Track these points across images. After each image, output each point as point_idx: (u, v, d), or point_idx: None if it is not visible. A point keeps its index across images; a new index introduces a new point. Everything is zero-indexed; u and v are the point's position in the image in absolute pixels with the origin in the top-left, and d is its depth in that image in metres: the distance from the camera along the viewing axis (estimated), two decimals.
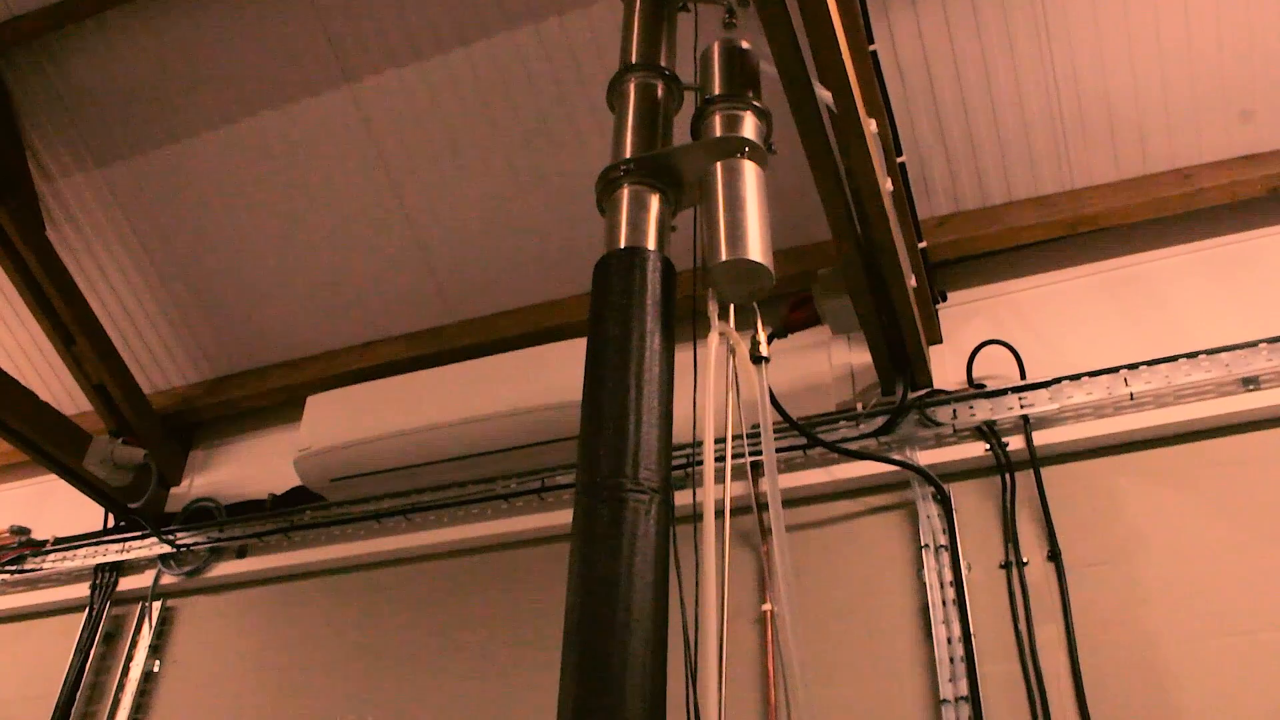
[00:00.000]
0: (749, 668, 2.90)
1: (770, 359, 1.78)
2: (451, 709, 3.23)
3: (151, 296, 4.13)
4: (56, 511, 4.29)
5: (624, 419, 1.49)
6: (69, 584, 4.09)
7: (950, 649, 2.72)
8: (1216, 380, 2.85)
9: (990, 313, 3.28)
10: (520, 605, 3.32)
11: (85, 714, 3.75)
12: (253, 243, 3.93)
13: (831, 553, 3.03)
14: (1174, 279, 3.15)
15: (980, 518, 2.92)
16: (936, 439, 3.05)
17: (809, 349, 3.37)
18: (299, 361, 4.14)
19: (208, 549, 3.88)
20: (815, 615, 2.90)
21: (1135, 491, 2.84)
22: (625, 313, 1.63)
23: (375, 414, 3.52)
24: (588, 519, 1.40)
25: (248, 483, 4.03)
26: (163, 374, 4.33)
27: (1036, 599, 2.74)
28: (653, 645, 1.31)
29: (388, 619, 3.51)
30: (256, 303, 4.08)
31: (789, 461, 3.13)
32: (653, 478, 1.43)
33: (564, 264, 3.68)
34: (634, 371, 1.55)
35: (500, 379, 3.41)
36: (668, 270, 1.73)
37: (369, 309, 3.97)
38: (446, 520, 3.54)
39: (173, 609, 3.90)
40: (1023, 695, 2.63)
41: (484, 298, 3.84)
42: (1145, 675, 2.58)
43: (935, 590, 2.82)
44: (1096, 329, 3.13)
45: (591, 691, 1.27)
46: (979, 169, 3.36)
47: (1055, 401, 2.95)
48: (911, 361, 3.07)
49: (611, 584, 1.33)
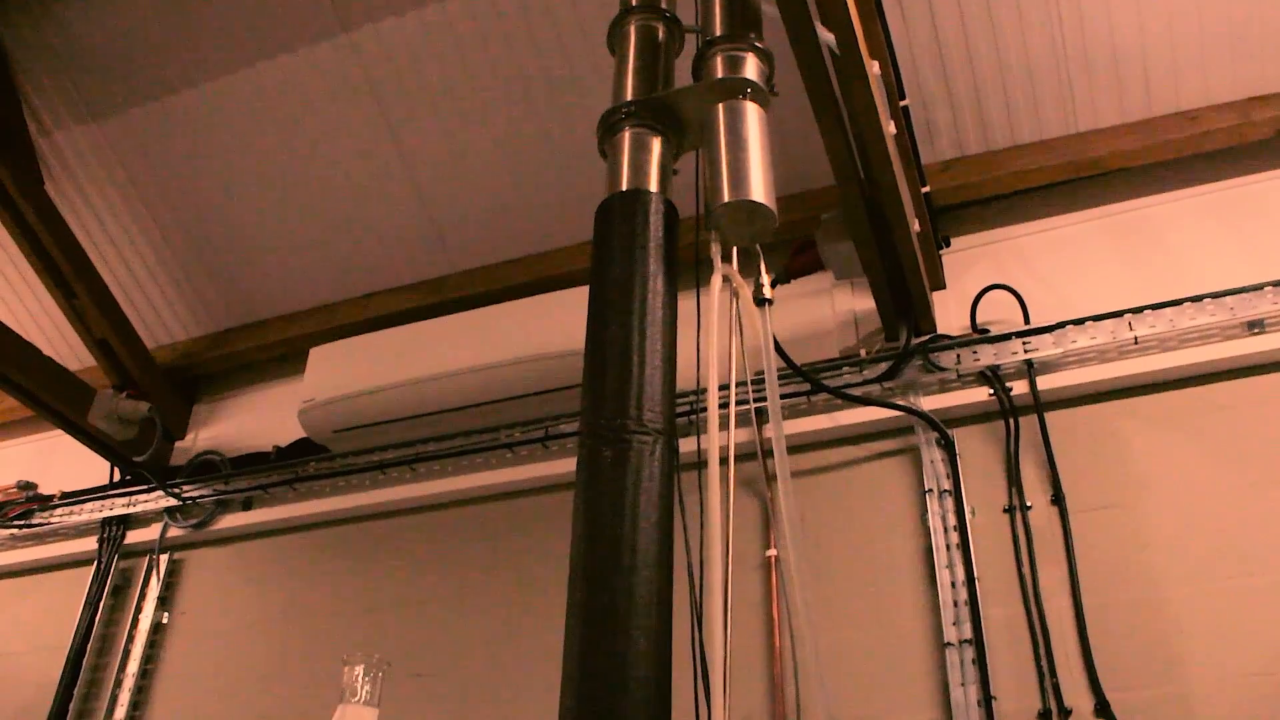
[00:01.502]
0: (754, 613, 2.91)
1: (774, 301, 1.77)
2: (458, 654, 3.25)
3: (152, 250, 4.11)
4: (62, 467, 4.31)
5: (627, 361, 1.49)
6: (77, 538, 4.11)
7: (954, 592, 2.73)
8: (1221, 324, 2.84)
9: (994, 257, 3.27)
10: (525, 553, 3.33)
11: (96, 665, 3.78)
12: (252, 195, 3.91)
13: (835, 498, 3.04)
14: (1179, 222, 3.13)
15: (984, 462, 2.92)
16: (940, 384, 3.05)
17: (812, 295, 3.36)
18: (301, 314, 4.13)
19: (213, 501, 3.90)
20: (819, 560, 2.91)
21: (1139, 435, 2.84)
22: (628, 255, 1.63)
23: (378, 365, 3.52)
24: (592, 461, 1.40)
25: (252, 435, 4.04)
26: (165, 328, 4.32)
27: (1040, 543, 2.75)
28: (658, 585, 1.31)
29: (393, 568, 3.53)
30: (257, 255, 4.07)
31: (793, 408, 3.12)
32: (656, 419, 1.43)
33: (566, 212, 3.66)
34: (637, 314, 1.55)
35: (503, 328, 3.40)
36: (670, 212, 1.72)
37: (370, 260, 3.96)
38: (450, 470, 3.55)
39: (180, 561, 3.92)
40: (1026, 638, 2.64)
41: (485, 247, 3.83)
42: (1148, 617, 2.59)
43: (939, 534, 2.83)
44: (1101, 273, 3.11)
45: (597, 630, 1.28)
46: (982, 113, 3.33)
47: (1059, 346, 2.94)
48: (915, 307, 3.06)
49: (616, 524, 1.33)
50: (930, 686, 2.67)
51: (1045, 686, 2.57)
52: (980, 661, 2.61)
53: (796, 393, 3.11)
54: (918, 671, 2.70)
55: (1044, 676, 2.58)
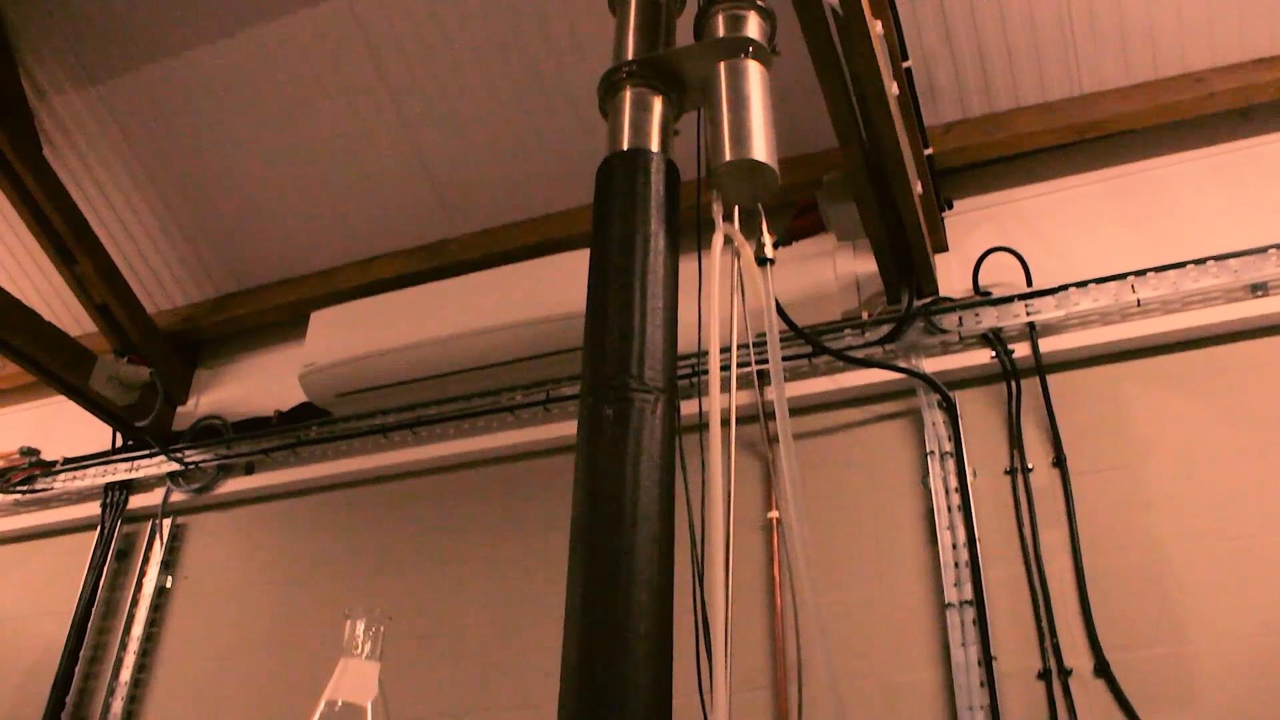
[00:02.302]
0: (755, 574, 2.93)
1: (775, 261, 1.77)
2: (461, 616, 3.27)
3: (152, 214, 4.10)
4: (65, 432, 4.31)
5: (628, 320, 1.48)
6: (80, 503, 4.13)
7: (955, 554, 2.74)
8: (1224, 286, 2.84)
9: (997, 220, 3.26)
10: (527, 515, 3.35)
11: (101, 628, 3.80)
12: (252, 159, 3.90)
13: (837, 460, 3.04)
14: (1183, 184, 3.12)
15: (986, 424, 2.92)
16: (942, 346, 3.05)
17: (814, 258, 3.35)
18: (302, 278, 4.13)
19: (216, 466, 3.91)
20: (821, 522, 2.92)
21: (1141, 398, 2.84)
22: (629, 214, 1.62)
23: (380, 328, 3.52)
24: (593, 419, 1.40)
25: (254, 400, 4.04)
26: (165, 293, 4.32)
27: (1041, 504, 2.76)
28: (659, 541, 1.31)
29: (395, 531, 3.54)
30: (258, 220, 4.05)
31: (794, 370, 3.12)
32: (658, 377, 1.43)
33: (567, 175, 3.65)
34: (638, 273, 1.54)
35: (505, 291, 3.39)
36: (671, 172, 1.71)
37: (371, 224, 3.95)
38: (452, 433, 3.56)
39: (183, 526, 3.93)
40: (1026, 598, 2.65)
41: (486, 211, 3.81)
42: (1148, 578, 2.60)
43: (940, 496, 2.83)
44: (1104, 236, 3.10)
45: (598, 585, 1.28)
46: (986, 74, 3.31)
47: (1062, 308, 2.94)
48: (917, 269, 3.05)
49: (618, 481, 1.33)
50: (931, 646, 2.69)
51: (1045, 647, 2.58)
52: (981, 622, 2.62)
53: (798, 355, 3.11)
54: (919, 632, 2.72)
55: (1044, 637, 2.59)
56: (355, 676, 1.16)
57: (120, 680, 3.61)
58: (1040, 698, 2.54)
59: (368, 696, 1.13)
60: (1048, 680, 2.55)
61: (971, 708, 2.54)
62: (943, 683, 2.63)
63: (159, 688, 3.60)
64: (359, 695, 1.13)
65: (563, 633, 1.31)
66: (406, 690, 3.09)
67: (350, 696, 1.14)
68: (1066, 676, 2.53)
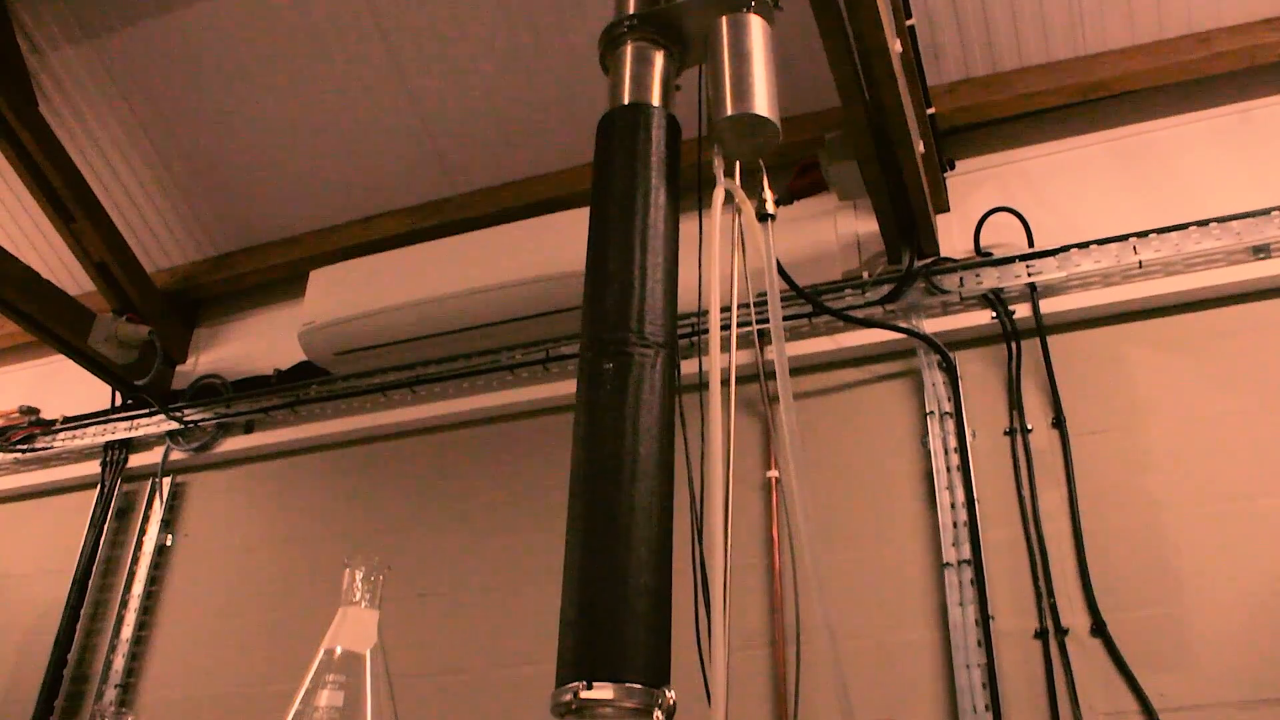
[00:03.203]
0: (754, 533, 2.93)
1: (776, 217, 1.76)
2: (462, 573, 3.28)
3: (150, 172, 4.08)
4: (64, 391, 4.31)
5: (628, 275, 1.48)
6: (80, 462, 4.13)
7: (954, 514, 2.75)
8: (1227, 248, 2.82)
9: (999, 181, 3.24)
10: (526, 474, 3.35)
11: (102, 586, 3.82)
12: (250, 116, 3.87)
13: (836, 420, 3.04)
14: (1187, 146, 3.10)
15: (985, 385, 2.92)
16: (943, 307, 3.04)
17: (815, 218, 3.33)
18: (300, 237, 4.11)
19: (215, 425, 3.91)
20: (820, 482, 2.93)
21: (1141, 360, 2.84)
22: (629, 169, 1.61)
23: (379, 287, 3.51)
24: (592, 373, 1.39)
25: (253, 359, 4.04)
26: (164, 252, 4.30)
27: (1040, 465, 2.76)
28: (659, 495, 1.31)
29: (395, 490, 3.55)
30: (256, 178, 4.03)
31: (794, 329, 3.12)
32: (658, 332, 1.42)
33: (568, 134, 3.63)
34: (638, 228, 1.53)
35: (505, 249, 3.38)
36: (672, 126, 1.70)
37: (370, 183, 3.92)
38: (451, 392, 3.56)
39: (183, 484, 3.94)
40: (1024, 559, 2.66)
41: (486, 170, 3.79)
42: (1146, 540, 2.61)
43: (939, 457, 2.83)
44: (1107, 197, 3.09)
45: (597, 539, 1.28)
46: (990, 34, 3.28)
47: (1063, 269, 2.93)
48: (918, 229, 3.04)
49: (617, 436, 1.33)
50: (929, 606, 2.70)
51: (1043, 606, 2.59)
52: (979, 582, 2.63)
53: (798, 314, 3.10)
54: (917, 591, 2.73)
55: (1041, 597, 2.60)
56: (354, 625, 1.16)
57: (121, 637, 3.63)
58: (1037, 657, 2.55)
59: (367, 644, 1.13)
60: (1044, 640, 2.55)
61: (969, 666, 2.55)
62: (940, 642, 2.64)
63: (160, 645, 3.63)
64: (358, 643, 1.14)
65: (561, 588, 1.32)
66: (406, 647, 3.10)
67: (349, 644, 1.14)
68: (1063, 636, 2.54)
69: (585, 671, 1.23)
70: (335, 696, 1.06)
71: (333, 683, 1.08)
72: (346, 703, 1.06)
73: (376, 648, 1.14)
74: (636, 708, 1.22)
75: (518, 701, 2.94)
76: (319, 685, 1.10)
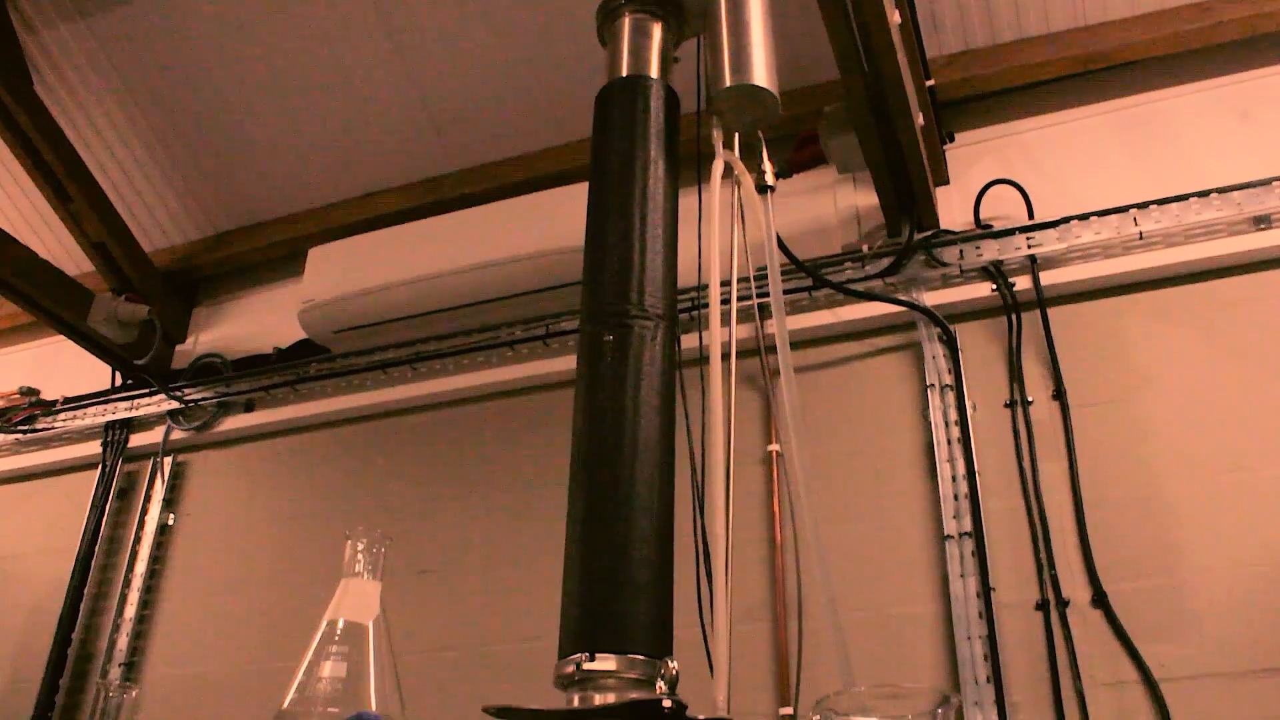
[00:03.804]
0: (755, 507, 2.94)
1: (776, 189, 1.75)
2: (463, 550, 3.29)
3: (146, 152, 4.06)
4: (64, 372, 4.31)
5: (628, 247, 1.47)
6: (80, 442, 4.13)
7: (954, 486, 2.75)
8: (1228, 219, 2.82)
9: (999, 153, 3.23)
10: (527, 450, 3.35)
11: (105, 565, 3.83)
12: (247, 94, 3.85)
13: (837, 394, 3.04)
14: (1188, 116, 3.09)
15: (986, 358, 2.92)
16: (943, 280, 3.03)
17: (814, 191, 3.32)
18: (299, 215, 4.10)
19: (215, 404, 3.91)
20: (821, 455, 2.93)
21: (1142, 331, 2.84)
22: (628, 141, 1.60)
23: (378, 264, 3.50)
24: (592, 345, 1.39)
25: (252, 338, 4.03)
26: (162, 231, 4.29)
27: (1041, 437, 2.76)
28: (660, 467, 1.31)
29: (395, 467, 3.56)
30: (254, 156, 4.02)
31: (794, 303, 3.11)
32: (658, 304, 1.42)
33: (567, 109, 3.61)
34: (638, 200, 1.52)
35: (504, 225, 3.37)
36: (671, 99, 1.69)
37: (369, 159, 3.91)
38: (451, 369, 3.55)
39: (184, 464, 3.95)
40: (1025, 530, 2.66)
41: (485, 146, 3.78)
42: (1146, 511, 2.61)
43: (940, 429, 2.83)
44: (1107, 168, 3.08)
45: (598, 511, 1.28)
46: (989, 5, 3.26)
47: (1063, 241, 2.92)
48: (918, 202, 3.03)
49: (618, 408, 1.32)
50: (930, 578, 2.70)
51: (1044, 578, 2.60)
52: (980, 554, 2.64)
53: (798, 288, 3.10)
54: (918, 563, 2.73)
55: (1042, 568, 2.61)
56: (356, 596, 1.16)
57: (125, 616, 3.64)
58: (1038, 628, 2.55)
59: (369, 616, 1.14)
60: (1045, 611, 2.56)
61: (970, 638, 2.56)
62: (942, 614, 2.65)
63: (163, 623, 3.64)
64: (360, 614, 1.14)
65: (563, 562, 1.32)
66: (407, 624, 3.11)
67: (351, 615, 1.14)
68: (1064, 607, 2.55)
69: (587, 643, 1.23)
70: (338, 667, 1.06)
71: (335, 653, 1.08)
72: (349, 673, 1.07)
73: (379, 619, 1.14)
74: (639, 678, 1.22)
75: (521, 676, 2.95)
76: (322, 656, 1.10)
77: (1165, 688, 2.39)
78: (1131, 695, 2.43)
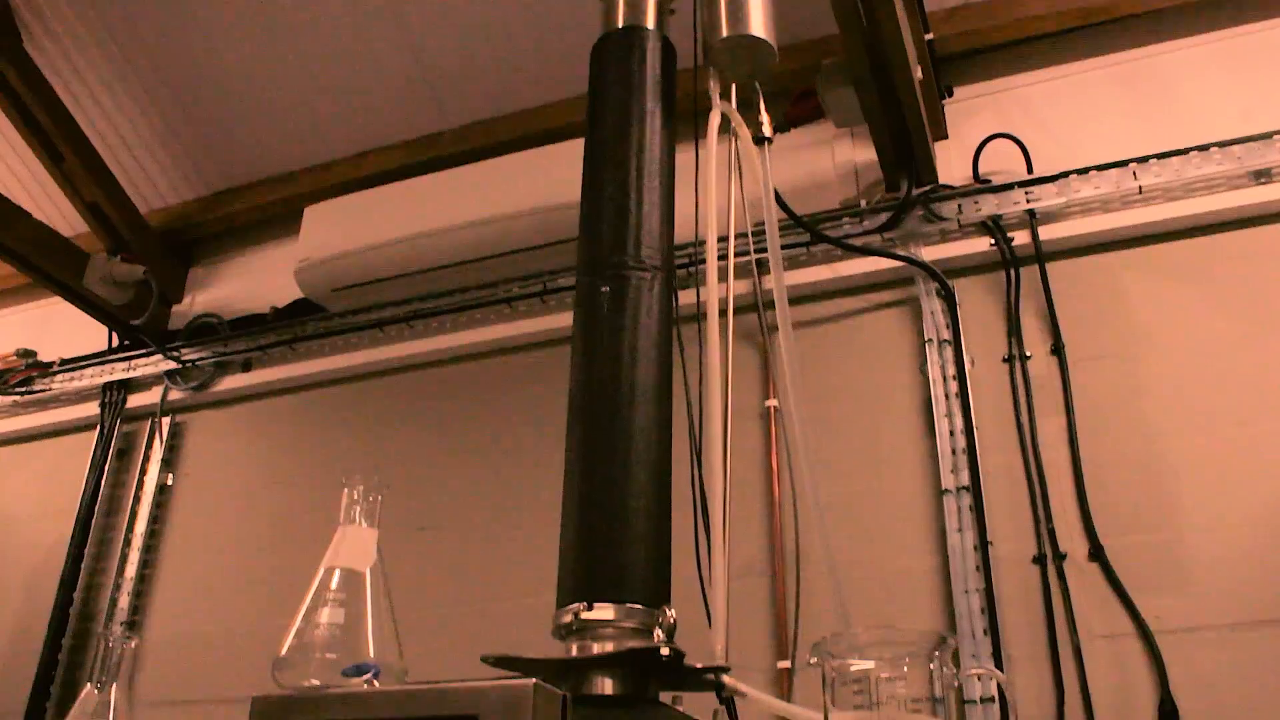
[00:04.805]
0: (753, 462, 2.94)
1: (774, 140, 1.74)
2: (461, 507, 3.30)
3: (139, 111, 4.03)
4: (60, 333, 4.30)
5: (624, 199, 1.47)
6: (78, 403, 4.13)
7: (952, 441, 2.75)
8: (1228, 173, 2.80)
9: (998, 107, 3.21)
10: (525, 406, 3.35)
11: (105, 526, 3.84)
12: (240, 51, 3.82)
13: (835, 349, 3.04)
14: (1190, 70, 3.06)
15: (984, 313, 2.91)
16: (941, 234, 3.02)
17: (812, 146, 3.31)
18: (294, 174, 4.07)
19: (213, 364, 3.90)
20: (819, 411, 2.93)
21: (1141, 286, 2.83)
22: (624, 93, 1.59)
23: (375, 222, 3.48)
24: (589, 297, 1.39)
25: (249, 297, 4.02)
26: (157, 191, 4.26)
27: (1039, 392, 2.76)
28: (657, 418, 1.31)
29: (393, 425, 3.56)
30: (248, 115, 3.99)
31: (792, 258, 3.10)
32: (655, 255, 1.42)
33: (563, 65, 3.58)
34: (634, 151, 1.52)
35: (500, 182, 3.35)
36: (667, 50, 1.68)
37: (364, 117, 3.88)
38: (449, 327, 3.55)
39: (182, 424, 3.95)
40: (1023, 485, 2.67)
41: (481, 103, 3.75)
42: (1144, 465, 2.61)
43: (938, 384, 2.83)
44: (1106, 122, 3.06)
45: (595, 462, 1.28)
46: None
47: (1062, 196, 2.91)
48: (916, 157, 3.01)
49: (615, 359, 1.32)
50: (928, 532, 2.71)
51: (1041, 532, 2.60)
52: (977, 508, 2.64)
53: (796, 243, 3.08)
54: (916, 518, 2.74)
55: (1040, 522, 2.61)
56: (354, 543, 1.16)
57: (126, 576, 3.66)
58: (1035, 582, 2.56)
59: (366, 562, 1.14)
60: (1043, 565, 2.57)
61: (967, 592, 2.57)
62: (939, 567, 2.66)
63: (164, 582, 3.65)
64: (358, 561, 1.14)
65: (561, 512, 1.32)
66: (406, 581, 3.11)
67: (349, 563, 1.14)
68: (1061, 561, 2.56)
69: (585, 593, 1.23)
70: (336, 614, 1.07)
71: (333, 600, 1.09)
72: (347, 619, 1.07)
73: (376, 565, 1.14)
74: (636, 627, 1.23)
75: (521, 631, 2.97)
76: (320, 603, 1.10)
77: (1161, 640, 2.41)
78: (1127, 647, 2.44)
